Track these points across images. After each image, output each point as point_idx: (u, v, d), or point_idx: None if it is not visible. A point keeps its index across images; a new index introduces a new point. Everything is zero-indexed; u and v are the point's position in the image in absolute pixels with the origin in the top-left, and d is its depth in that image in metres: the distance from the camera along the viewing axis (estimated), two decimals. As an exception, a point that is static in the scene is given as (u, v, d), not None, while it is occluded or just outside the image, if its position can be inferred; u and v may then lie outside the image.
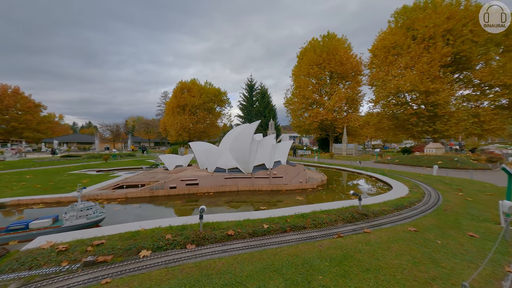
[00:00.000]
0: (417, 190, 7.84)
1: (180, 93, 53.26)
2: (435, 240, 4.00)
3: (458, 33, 22.50)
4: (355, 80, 34.30)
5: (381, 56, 27.58)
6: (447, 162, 16.41)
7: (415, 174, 12.40)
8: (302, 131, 39.42)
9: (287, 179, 8.87)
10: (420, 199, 6.71)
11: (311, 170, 13.21)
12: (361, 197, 5.33)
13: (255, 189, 8.66)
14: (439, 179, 10.34)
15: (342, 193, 8.10)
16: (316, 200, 7.36)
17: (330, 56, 31.99)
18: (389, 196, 6.95)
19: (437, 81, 22.95)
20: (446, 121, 23.10)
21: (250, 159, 8.99)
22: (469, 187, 8.69)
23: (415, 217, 5.25)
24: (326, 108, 32.72)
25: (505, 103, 24.18)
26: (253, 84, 57.87)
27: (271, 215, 5.13)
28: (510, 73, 21.60)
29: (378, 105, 29.44)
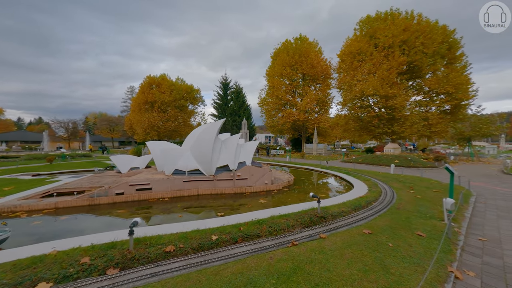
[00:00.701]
0: (375, 189, 8.12)
1: (148, 89, 49.54)
2: (387, 242, 3.93)
3: (412, 44, 24.95)
4: (325, 83, 35.93)
5: (348, 62, 29.25)
6: (403, 161, 17.95)
7: (375, 172, 13.13)
8: (276, 131, 39.91)
9: (252, 181, 8.46)
10: (377, 198, 6.89)
11: (279, 170, 13.11)
12: (320, 199, 5.12)
13: (217, 192, 8.04)
14: (395, 177, 11.04)
15: (306, 194, 7.96)
16: (280, 202, 7.06)
17: (302, 58, 32.86)
18: (349, 196, 7.00)
19: (394, 87, 25.14)
20: (402, 123, 25.46)
21: (213, 159, 8.35)
22: (419, 184, 9.38)
23: (371, 218, 5.25)
24: (298, 109, 33.55)
25: (448, 108, 27.70)
26: (228, 83, 56.83)
27: (224, 223, 4.60)
28: (452, 83, 24.72)
29: (345, 107, 31.21)
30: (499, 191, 9.28)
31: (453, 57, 26.91)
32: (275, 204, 7.00)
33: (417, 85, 28.08)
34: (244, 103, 55.11)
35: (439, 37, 24.82)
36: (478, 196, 8.37)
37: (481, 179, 12.34)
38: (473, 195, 8.25)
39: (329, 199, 6.70)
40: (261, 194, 8.12)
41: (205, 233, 4.07)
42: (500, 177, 13.12)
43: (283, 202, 7.37)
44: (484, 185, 10.55)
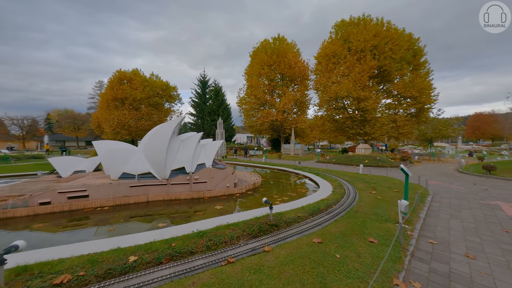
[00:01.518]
0: (339, 190, 7.97)
1: (118, 84, 45.99)
2: (334, 253, 3.56)
3: (382, 49, 26.26)
4: (303, 84, 36.46)
5: (324, 64, 29.95)
6: (372, 161, 18.63)
7: (345, 172, 13.27)
8: (255, 132, 39.55)
9: (212, 184, 7.79)
10: (338, 200, 6.67)
11: (249, 172, 12.60)
12: (273, 206, 4.66)
13: (171, 198, 7.23)
14: (361, 178, 11.18)
15: (269, 198, 7.52)
16: (238, 208, 6.50)
17: (280, 58, 32.92)
18: (310, 199, 6.69)
19: (366, 89, 26.23)
20: (373, 125, 26.65)
21: (167, 161, 7.52)
22: (382, 184, 9.52)
23: (326, 223, 4.93)
24: (276, 109, 33.54)
25: (413, 112, 29.72)
26: (206, 81, 55.20)
27: (156, 238, 3.90)
28: (416, 87, 26.51)
29: (322, 109, 31.93)
30: (453, 189, 9.79)
31: (417, 63, 28.96)
32: (231, 210, 6.44)
33: (387, 89, 29.70)
34: (224, 102, 53.97)
35: (405, 44, 26.48)
36: (434, 195, 8.68)
37: (439, 178, 13.11)
38: (430, 194, 8.52)
39: (289, 203, 6.31)
40: (221, 199, 7.49)
41: (124, 253, 3.34)
42: (455, 175, 14.11)
43: (242, 207, 6.84)
44: (440, 184, 11.14)
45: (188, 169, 7.53)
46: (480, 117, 71.03)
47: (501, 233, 5.01)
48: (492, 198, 8.23)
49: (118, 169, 7.39)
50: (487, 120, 67.83)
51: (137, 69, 49.97)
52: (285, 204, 6.16)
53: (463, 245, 4.42)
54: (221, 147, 25.76)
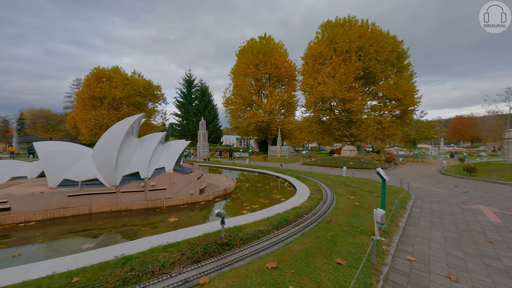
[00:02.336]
0: (316, 196, 7.33)
1: (95, 82, 43.65)
2: (288, 284, 2.82)
3: (367, 51, 26.46)
4: (290, 85, 36.19)
5: (310, 64, 29.80)
6: (357, 163, 18.39)
7: (327, 175, 12.76)
8: (241, 133, 38.75)
9: (172, 192, 6.88)
10: (312, 208, 6.00)
11: (225, 176, 11.76)
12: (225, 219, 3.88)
13: (120, 208, 6.24)
14: (343, 181, 10.67)
15: (239, 205, 6.75)
16: (196, 220, 5.66)
17: (266, 58, 32.45)
18: (281, 207, 5.97)
19: (352, 90, 26.26)
20: (358, 126, 26.69)
21: (118, 165, 6.53)
22: (363, 188, 9.03)
23: (291, 239, 4.20)
24: (263, 110, 32.97)
25: (398, 113, 30.23)
26: (192, 80, 53.81)
27: (58, 270, 2.98)
28: (400, 89, 26.90)
29: (309, 110, 31.71)
30: (435, 192, 9.50)
31: (401, 66, 29.53)
32: (190, 222, 5.57)
33: (372, 91, 30.00)
34: (210, 103, 52.74)
35: (389, 45, 26.87)
36: (416, 199, 8.28)
37: (421, 180, 12.93)
38: (411, 198, 8.11)
39: (255, 213, 5.55)
40: (181, 209, 6.60)
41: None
42: (437, 177, 14.05)
43: (201, 219, 5.99)
44: (423, 186, 10.87)
45: (143, 174, 6.57)
46: (460, 120, 74.63)
47: (485, 244, 4.53)
48: (474, 202, 7.94)
49: (58, 175, 6.30)
50: (466, 122, 71.34)
51: (118, 67, 47.76)
52: (250, 215, 5.39)
53: (444, 261, 3.85)
54: (204, 149, 24.70)
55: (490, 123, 55.22)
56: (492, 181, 11.99)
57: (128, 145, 7.05)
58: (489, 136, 57.35)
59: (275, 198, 7.87)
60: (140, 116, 7.61)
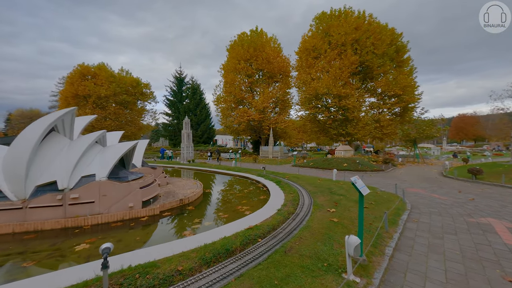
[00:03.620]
0: (288, 207, 6.07)
1: (79, 80, 42.25)
2: None
3: (363, 44, 25.26)
4: (284, 82, 34.89)
5: (304, 58, 28.58)
6: (351, 165, 17.15)
7: (314, 179, 11.51)
8: (233, 133, 37.46)
9: (104, 205, 5.57)
10: (275, 228, 4.73)
11: (194, 181, 10.44)
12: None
13: (27, 229, 4.93)
14: (329, 187, 9.41)
15: (187, 223, 5.47)
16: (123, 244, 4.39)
17: (257, 52, 31.21)
18: (233, 226, 4.70)
19: (347, 86, 25.04)
20: (355, 125, 25.47)
21: (30, 172, 5.24)
22: (350, 197, 7.76)
23: (218, 285, 2.92)
24: (255, 108, 31.72)
25: (398, 111, 29.05)
26: (183, 78, 52.45)
27: None
28: (400, 85, 25.71)
29: (303, 107, 30.45)
30: (435, 200, 8.26)
31: (401, 60, 28.34)
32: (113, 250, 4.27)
33: (370, 87, 28.80)
34: (202, 101, 51.34)
35: (387, 38, 25.68)
36: (412, 209, 7.03)
37: (421, 184, 11.69)
38: (406, 209, 6.86)
39: (190, 238, 4.26)
40: (113, 227, 5.30)
41: None
42: (439, 181, 12.82)
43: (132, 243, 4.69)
44: (422, 192, 9.64)
45: (61, 184, 5.27)
46: (464, 118, 73.69)
47: (502, 285, 3.27)
48: (482, 213, 6.70)
49: (-51, 186, 4.99)
50: (470, 121, 70.41)
51: (104, 64, 46.44)
52: (184, 241, 4.10)
53: (445, 322, 2.58)
54: (188, 149, 23.38)
55: (495, 121, 54.24)
56: (500, 185, 10.77)
57: (50, 147, 5.75)
58: (494, 134, 56.37)
59: (239, 211, 6.58)
60: (71, 110, 6.31)
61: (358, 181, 3.69)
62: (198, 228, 5.31)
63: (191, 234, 4.72)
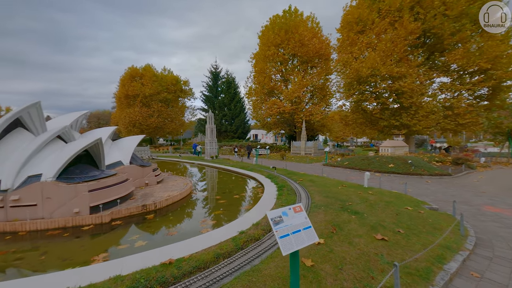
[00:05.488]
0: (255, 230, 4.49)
1: (129, 81, 48.25)
2: None
3: (429, 5, 19.74)
4: (323, 66, 31.22)
5: (345, 35, 24.62)
6: (400, 165, 13.52)
7: (335, 185, 9.21)
8: (264, 127, 36.19)
9: (48, 209, 5.21)
10: (206, 265, 3.34)
11: (186, 182, 9.63)
12: None
13: (-30, 229, 4.93)
14: (347, 198, 7.12)
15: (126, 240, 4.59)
16: (49, 263, 3.81)
17: (289, 35, 28.66)
18: (154, 255, 3.53)
19: (403, 64, 20.19)
20: (413, 114, 20.46)
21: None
22: (368, 217, 5.47)
23: None
24: (286, 98, 29.55)
25: (484, 93, 21.94)
26: (218, 72, 53.89)
27: None
28: (487, 56, 19.14)
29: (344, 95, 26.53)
30: (533, 234, 5.06)
31: (490, 20, 21.06)
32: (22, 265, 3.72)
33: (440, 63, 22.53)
34: (237, 95, 51.71)
35: (468, -10, 19.29)
36: (477, 247, 4.33)
37: (509, 201, 7.84)
38: (464, 248, 4.23)
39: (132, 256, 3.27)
40: (49, 236, 4.84)
41: None
42: (549, 196, 8.44)
43: (55, 260, 4.05)
44: (503, 214, 6.25)
45: (5, 183, 5.12)
46: None
47: None
48: None
49: None
50: None
51: (149, 65, 51.56)
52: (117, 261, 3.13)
53: None
54: (212, 145, 23.39)
55: None
56: None
57: (9, 143, 5.75)
58: None
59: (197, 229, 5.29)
60: (34, 104, 6.21)
61: (273, 215, 1.88)
62: (121, 249, 4.31)
63: (101, 260, 3.74)
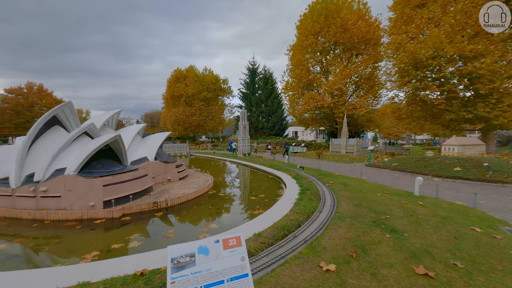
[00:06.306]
0: (253, 243, 3.86)
1: (174, 83, 52.77)
2: None
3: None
4: (371, 52, 27.71)
5: (398, 12, 21.12)
6: (470, 169, 10.66)
7: (373, 190, 7.73)
8: (301, 123, 34.50)
9: (68, 201, 5.66)
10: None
11: (206, 180, 9.47)
12: None
13: (11, 215, 5.72)
14: (386, 209, 5.74)
15: (124, 238, 4.61)
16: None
17: (329, 21, 26.31)
18: (124, 263, 3.27)
19: (480, 39, 16.03)
20: (495, 102, 16.11)
21: (26, 163, 6.07)
22: (409, 238, 4.15)
23: None
24: (325, 91, 27.39)
25: None
26: (256, 68, 53.96)
27: None
28: None
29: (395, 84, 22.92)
30: None
31: None
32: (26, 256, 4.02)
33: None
34: (274, 91, 50.79)
35: None
36: None
37: None
38: None
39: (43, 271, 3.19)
40: (64, 227, 5.22)
41: None
42: None
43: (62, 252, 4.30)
44: None
45: (38, 175, 5.76)
46: None
47: None
48: None
49: None
50: None
51: (192, 66, 55.18)
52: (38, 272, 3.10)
53: None
54: (244, 142, 23.38)
55: None
56: None
57: (47, 140, 6.51)
58: None
59: (199, 229, 4.92)
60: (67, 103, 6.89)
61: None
62: (114, 248, 4.22)
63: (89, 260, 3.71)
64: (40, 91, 56.29)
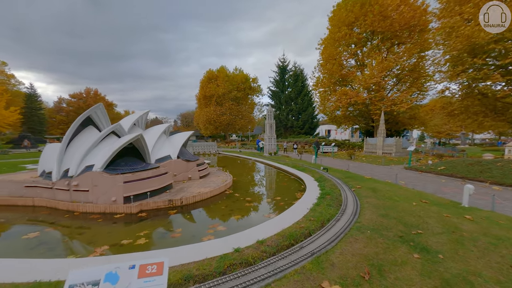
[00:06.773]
0: (247, 252, 3.65)
1: (207, 83, 55.05)
2: None
3: None
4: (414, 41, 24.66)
5: (450, -9, 18.24)
6: (547, 178, 8.56)
7: (409, 198, 6.76)
8: (333, 121, 32.63)
9: (95, 195, 6.20)
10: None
11: (224, 179, 9.44)
12: None
13: (52, 206, 6.52)
14: (421, 222, 4.91)
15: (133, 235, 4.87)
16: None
17: (366, 9, 24.23)
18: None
19: None
20: None
21: (65, 158, 6.89)
22: (447, 261, 3.43)
23: None
24: (360, 86, 25.38)
25: None
26: (286, 65, 52.97)
27: None
28: None
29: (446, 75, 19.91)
30: None
31: None
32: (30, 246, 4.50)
33: None
34: (304, 88, 49.17)
35: None
36: None
37: None
38: None
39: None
40: (91, 219, 5.72)
41: None
42: None
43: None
44: None
45: (71, 171, 6.44)
46: None
47: None
48: None
49: (42, 166, 7.75)
50: None
51: (223, 66, 56.85)
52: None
53: None
54: (271, 141, 23.08)
55: None
56: None
57: (82, 138, 7.28)
58: None
59: (205, 231, 4.86)
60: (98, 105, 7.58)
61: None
62: (123, 244, 4.41)
63: (98, 254, 3.94)
64: (96, 95, 64.53)
